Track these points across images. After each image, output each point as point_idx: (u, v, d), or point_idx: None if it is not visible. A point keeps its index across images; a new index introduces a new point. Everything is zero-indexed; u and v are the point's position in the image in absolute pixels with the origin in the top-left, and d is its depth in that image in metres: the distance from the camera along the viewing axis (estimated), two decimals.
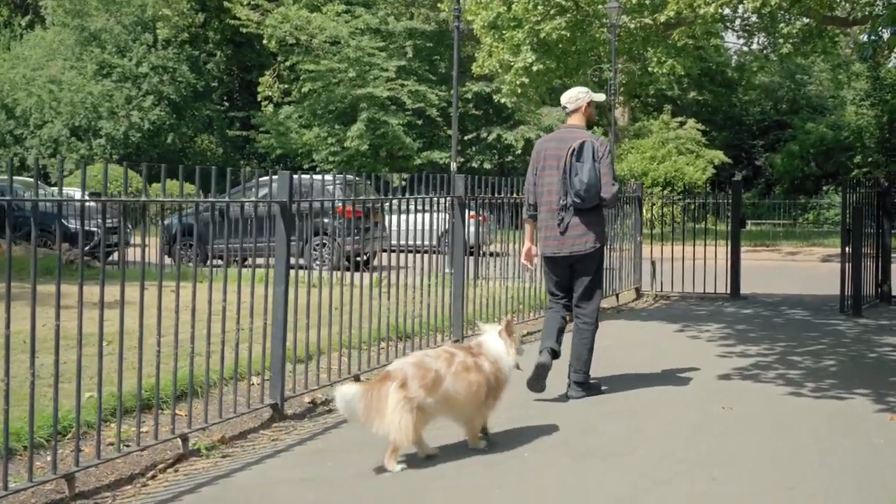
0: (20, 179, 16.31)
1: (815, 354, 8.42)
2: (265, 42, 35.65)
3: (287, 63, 35.58)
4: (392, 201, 7.75)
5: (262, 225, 6.01)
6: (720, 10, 22.04)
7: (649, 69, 28.10)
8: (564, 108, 6.75)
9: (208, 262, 5.47)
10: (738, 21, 28.78)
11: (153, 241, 14.25)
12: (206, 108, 38.30)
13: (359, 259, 7.37)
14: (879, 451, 5.25)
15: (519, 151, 35.58)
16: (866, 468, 4.94)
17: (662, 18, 23.02)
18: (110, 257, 14.77)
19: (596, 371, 6.73)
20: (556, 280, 6.63)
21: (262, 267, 6.31)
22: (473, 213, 9.76)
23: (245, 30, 35.70)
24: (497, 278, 9.85)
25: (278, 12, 35.00)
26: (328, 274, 7.27)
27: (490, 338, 5.26)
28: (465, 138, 35.20)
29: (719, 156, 36.27)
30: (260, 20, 35.34)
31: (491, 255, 10.40)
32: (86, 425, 4.93)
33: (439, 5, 29.60)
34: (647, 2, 23.77)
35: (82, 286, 4.39)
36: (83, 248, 4.38)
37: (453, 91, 22.40)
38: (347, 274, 6.84)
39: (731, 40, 40.15)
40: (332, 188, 12.11)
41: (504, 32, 24.21)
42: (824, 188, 36.93)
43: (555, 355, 6.44)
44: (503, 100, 27.23)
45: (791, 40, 25.39)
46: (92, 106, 34.22)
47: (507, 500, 4.43)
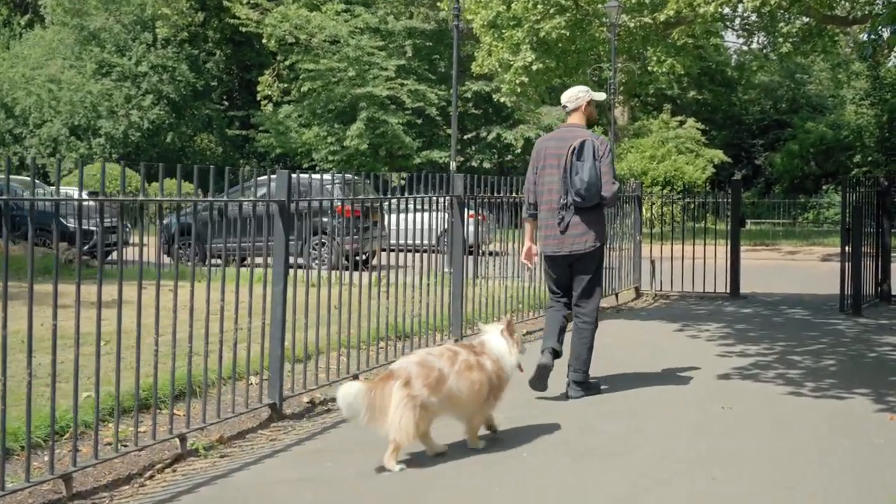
0: (18, 178, 16.27)
1: (815, 354, 8.41)
2: (265, 41, 35.63)
3: (286, 62, 35.56)
4: (391, 200, 7.73)
5: (261, 224, 6.00)
6: (720, 10, 22.04)
7: (649, 68, 28.08)
8: (564, 108, 6.74)
9: (207, 262, 5.46)
10: (738, 20, 28.75)
11: (152, 241, 14.29)
12: (206, 108, 38.28)
13: (358, 258, 7.36)
14: (879, 451, 5.24)
15: (518, 151, 35.56)
16: (866, 468, 4.93)
17: (662, 17, 23.02)
18: (109, 256, 14.75)
19: (595, 370, 6.72)
20: (556, 279, 6.62)
21: (261, 266, 6.30)
22: (473, 213, 9.75)
23: (244, 29, 35.68)
24: (496, 277, 9.85)
25: (278, 11, 34.98)
26: (327, 273, 7.25)
27: (492, 337, 5.26)
28: (465, 137, 35.20)
29: (719, 155, 36.27)
30: (259, 19, 35.32)
31: (490, 255, 10.39)
32: (83, 425, 4.92)
33: (439, 4, 29.59)
34: (647, 1, 23.76)
35: (80, 285, 4.37)
36: (80, 248, 4.37)
37: (453, 90, 22.40)
38: (346, 273, 6.82)
39: (731, 39, 40.12)
40: (332, 187, 12.17)
41: (504, 31, 24.21)
42: (824, 187, 36.93)
43: (556, 355, 6.45)
44: (503, 99, 27.22)
45: (791, 39, 25.38)
46: (91, 105, 34.20)
47: (507, 500, 4.42)
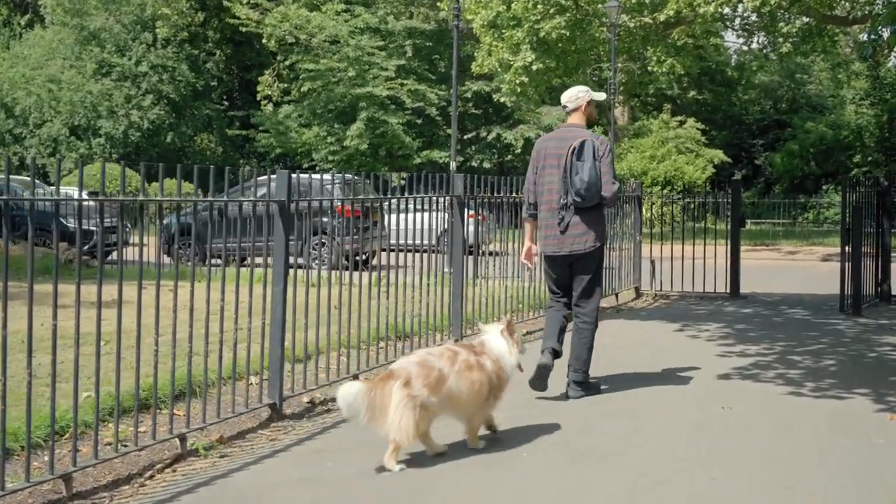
0: (18, 178, 16.27)
1: (815, 354, 8.41)
2: (265, 41, 35.63)
3: (286, 62, 35.56)
4: (391, 200, 7.73)
5: (261, 224, 6.00)
6: (720, 10, 22.04)
7: (649, 68, 28.08)
8: (564, 108, 6.74)
9: (207, 262, 5.46)
10: (738, 20, 28.77)
11: (152, 241, 14.28)
12: (206, 108, 38.26)
13: (358, 258, 7.36)
14: (879, 451, 5.24)
15: (518, 150, 35.55)
16: (866, 468, 4.93)
17: (662, 18, 23.02)
18: (109, 256, 14.75)
19: (595, 370, 6.72)
20: (556, 279, 6.62)
21: (261, 266, 6.30)
22: (473, 213, 9.75)
23: (244, 29, 35.67)
24: (496, 277, 9.85)
25: (278, 11, 34.98)
26: (327, 273, 7.25)
27: (492, 337, 5.26)
28: (465, 137, 35.20)
29: (719, 155, 36.25)
30: (259, 19, 35.32)
31: (490, 255, 10.39)
32: (83, 425, 4.92)
33: (439, 4, 29.59)
34: (647, 1, 23.76)
35: (80, 285, 4.37)
36: (80, 248, 4.37)
37: (453, 90, 22.38)
38: (346, 273, 6.82)
39: (731, 39, 40.05)
40: (332, 187, 12.17)
41: (503, 31, 24.20)
42: (824, 187, 36.93)
43: (556, 355, 6.46)
44: (503, 99, 27.22)
45: (791, 39, 25.38)
46: (91, 105, 34.19)
47: (507, 500, 4.42)
